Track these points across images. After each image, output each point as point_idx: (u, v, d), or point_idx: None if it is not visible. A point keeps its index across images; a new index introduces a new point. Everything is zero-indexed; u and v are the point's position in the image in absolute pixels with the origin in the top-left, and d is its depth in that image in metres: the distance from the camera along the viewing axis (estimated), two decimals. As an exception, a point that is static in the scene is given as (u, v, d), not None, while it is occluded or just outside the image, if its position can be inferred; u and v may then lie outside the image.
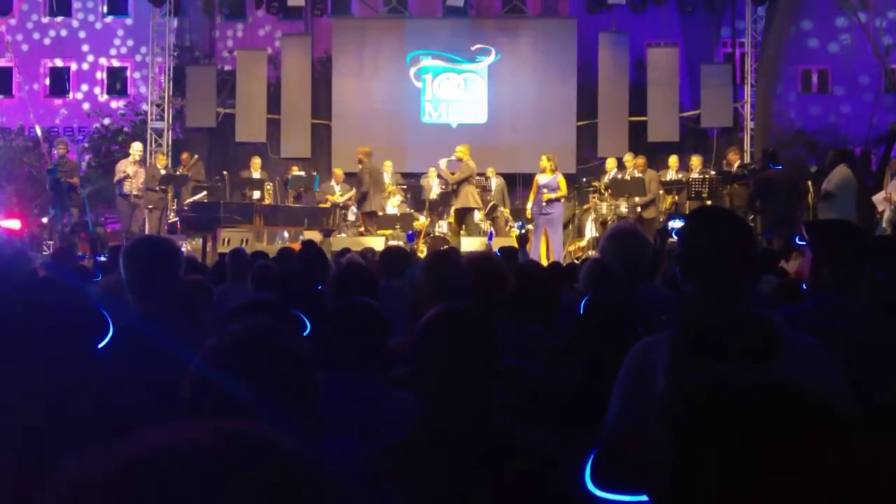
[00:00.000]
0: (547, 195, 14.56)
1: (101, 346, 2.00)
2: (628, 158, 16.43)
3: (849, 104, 21.39)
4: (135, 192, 16.07)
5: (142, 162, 16.33)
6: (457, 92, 20.18)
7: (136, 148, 16.60)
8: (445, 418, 2.32)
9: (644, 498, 1.23)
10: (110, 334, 2.05)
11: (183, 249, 11.83)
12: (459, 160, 15.40)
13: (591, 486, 1.38)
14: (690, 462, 1.10)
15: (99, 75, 24.49)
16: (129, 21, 24.33)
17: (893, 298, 3.55)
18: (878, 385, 2.68)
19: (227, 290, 6.54)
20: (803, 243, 3.19)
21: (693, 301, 2.65)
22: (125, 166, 16.20)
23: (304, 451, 0.81)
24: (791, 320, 2.58)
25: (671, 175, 16.53)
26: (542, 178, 14.85)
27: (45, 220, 16.67)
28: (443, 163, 15.51)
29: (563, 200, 15.01)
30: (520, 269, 5.04)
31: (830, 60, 22.25)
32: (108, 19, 24.55)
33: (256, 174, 17.11)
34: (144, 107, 21.06)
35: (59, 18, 24.47)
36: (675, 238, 3.27)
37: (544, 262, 12.93)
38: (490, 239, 15.39)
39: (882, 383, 2.73)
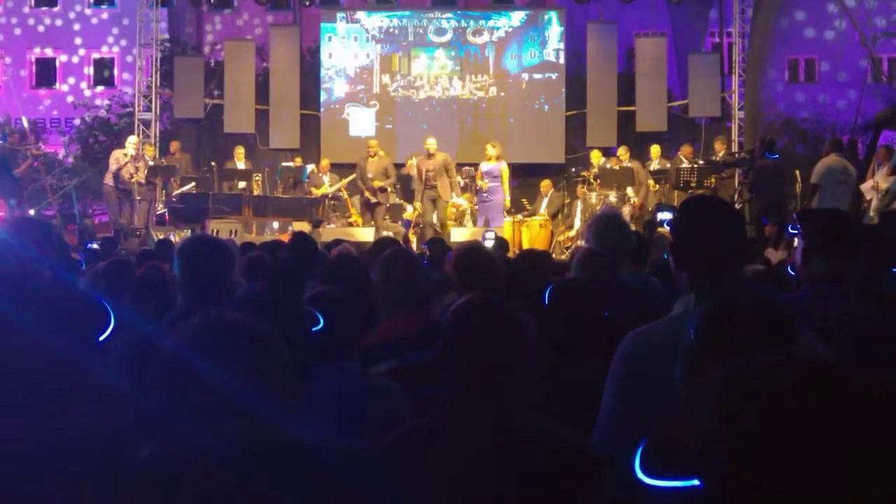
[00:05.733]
0: (485, 183, 14.78)
1: (102, 338, 2.01)
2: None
3: (837, 92, 21.45)
4: (134, 180, 15.89)
5: (134, 157, 16.17)
6: (446, 82, 20.14)
7: (131, 141, 16.52)
8: (469, 407, 2.34)
9: (695, 482, 1.24)
10: (112, 326, 2.06)
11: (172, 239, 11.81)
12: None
13: (640, 475, 1.39)
14: (744, 445, 1.12)
15: (87, 70, 24.38)
16: (115, 11, 24.21)
17: (883, 287, 3.57)
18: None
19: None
20: (795, 232, 3.20)
21: (685, 289, 2.69)
22: (120, 155, 16.11)
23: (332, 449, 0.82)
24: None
25: (655, 164, 16.54)
26: (484, 166, 15.04)
27: (31, 211, 16.60)
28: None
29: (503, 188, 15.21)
30: (510, 260, 5.04)
31: (818, 49, 22.30)
32: (101, 14, 24.41)
33: (241, 164, 17.06)
34: (129, 92, 21.04)
35: (56, 9, 24.33)
36: (664, 227, 3.31)
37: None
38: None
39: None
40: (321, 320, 3.29)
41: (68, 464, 1.64)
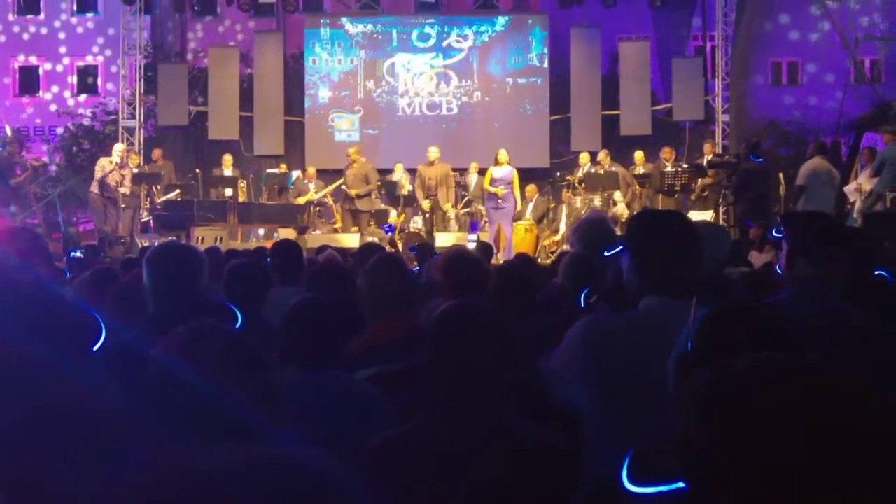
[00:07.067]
0: (501, 189, 14.80)
1: (95, 348, 2.00)
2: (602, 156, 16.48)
3: (820, 95, 21.53)
4: (122, 190, 15.83)
5: (120, 165, 16.09)
6: (430, 86, 20.16)
7: (118, 149, 16.46)
8: (453, 411, 2.34)
9: (679, 484, 1.24)
10: (103, 337, 2.05)
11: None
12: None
13: (627, 485, 1.39)
14: (728, 446, 1.13)
15: (70, 79, 24.27)
16: (100, 20, 24.12)
17: (867, 289, 3.59)
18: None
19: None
20: (779, 235, 3.22)
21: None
22: (105, 163, 16.04)
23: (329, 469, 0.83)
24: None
25: (640, 169, 16.60)
26: (496, 172, 15.05)
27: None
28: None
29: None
30: (500, 266, 5.04)
31: (801, 51, 22.40)
32: (86, 23, 24.30)
33: (228, 171, 17.02)
34: (113, 103, 20.97)
35: (40, 17, 24.22)
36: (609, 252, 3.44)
37: (502, 257, 13.08)
38: (475, 230, 15.56)
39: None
40: (239, 318, 3.30)
41: None
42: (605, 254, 3.30)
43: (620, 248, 2.95)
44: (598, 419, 2.67)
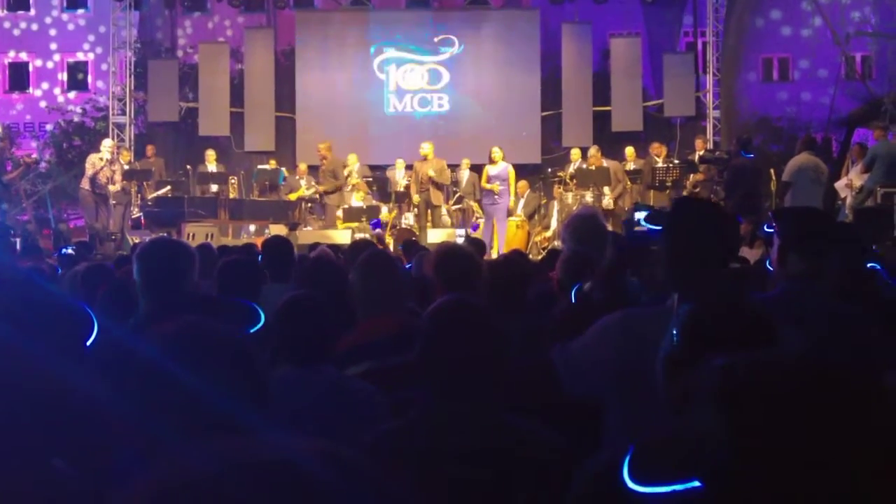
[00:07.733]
0: (496, 186, 14.84)
1: (87, 343, 1.99)
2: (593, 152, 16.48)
3: (811, 91, 21.58)
4: (113, 188, 15.78)
5: (110, 161, 16.02)
6: (420, 83, 20.13)
7: (106, 145, 16.39)
8: (446, 408, 2.34)
9: (694, 483, 1.23)
10: (95, 332, 2.04)
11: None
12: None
13: (630, 484, 1.36)
14: (748, 440, 1.13)
15: (60, 75, 24.19)
16: (91, 16, 24.04)
17: (858, 284, 3.60)
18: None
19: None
20: (770, 230, 3.22)
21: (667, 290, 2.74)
22: (96, 160, 15.98)
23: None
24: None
25: (631, 165, 16.59)
26: (492, 169, 15.13)
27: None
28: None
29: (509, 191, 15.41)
30: (494, 262, 5.04)
31: (792, 47, 22.43)
32: (77, 20, 24.21)
33: (212, 167, 16.99)
34: (103, 100, 20.91)
35: (31, 13, 24.12)
36: (641, 226, 3.36)
37: (495, 253, 13.12)
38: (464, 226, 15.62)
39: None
40: (262, 318, 3.28)
41: None
42: (643, 222, 3.16)
43: (658, 228, 2.84)
44: (620, 414, 2.66)
